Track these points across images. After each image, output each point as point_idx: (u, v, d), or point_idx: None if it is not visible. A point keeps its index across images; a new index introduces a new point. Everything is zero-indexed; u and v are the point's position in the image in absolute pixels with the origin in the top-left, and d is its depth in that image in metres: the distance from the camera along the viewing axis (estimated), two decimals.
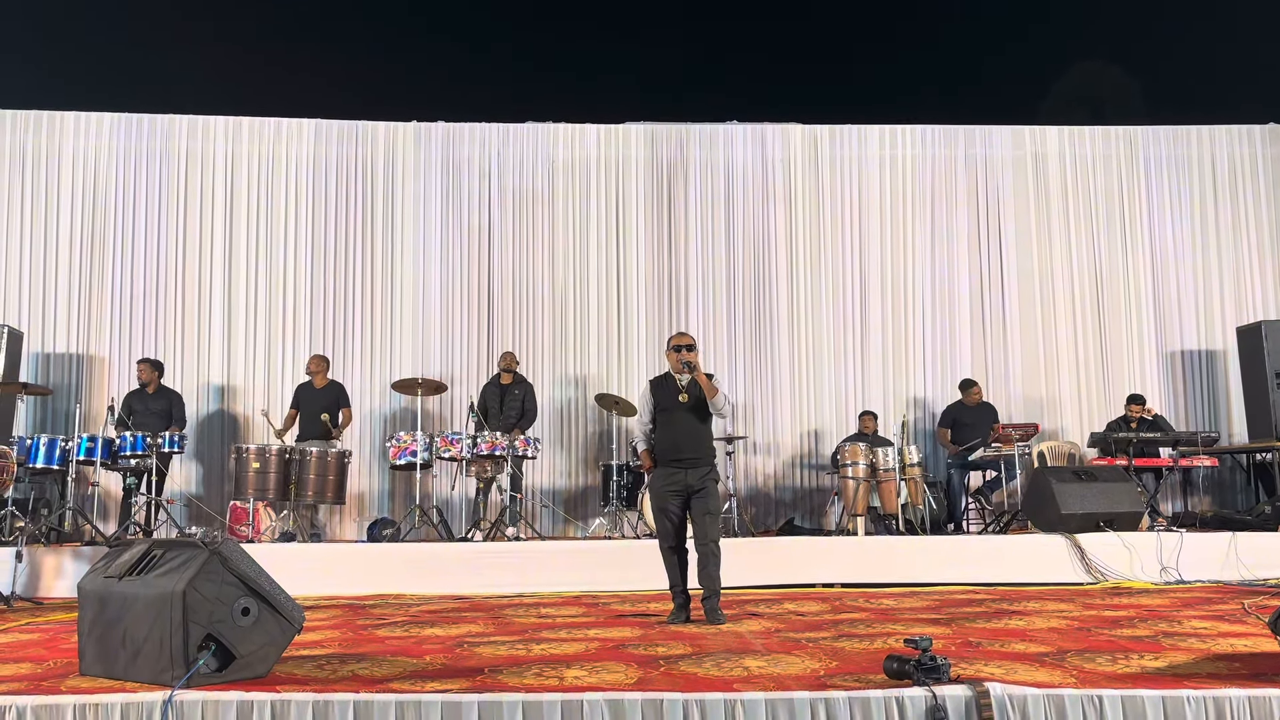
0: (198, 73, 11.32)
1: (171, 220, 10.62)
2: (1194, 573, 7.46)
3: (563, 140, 11.13)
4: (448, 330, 10.71)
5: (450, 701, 3.33)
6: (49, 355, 10.31)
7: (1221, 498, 10.72)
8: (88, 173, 10.65)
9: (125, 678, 3.71)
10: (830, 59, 12.24)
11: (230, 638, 3.69)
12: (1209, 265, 11.22)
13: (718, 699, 3.33)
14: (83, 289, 10.46)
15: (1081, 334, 11.06)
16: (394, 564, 7.50)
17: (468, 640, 4.79)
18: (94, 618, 3.91)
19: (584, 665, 3.99)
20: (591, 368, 10.75)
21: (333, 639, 4.88)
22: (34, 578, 7.14)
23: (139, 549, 4.05)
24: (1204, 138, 11.47)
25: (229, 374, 10.45)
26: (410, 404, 9.93)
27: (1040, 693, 3.33)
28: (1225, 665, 3.87)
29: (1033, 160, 11.35)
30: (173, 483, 9.47)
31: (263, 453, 8.34)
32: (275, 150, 10.86)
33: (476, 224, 10.90)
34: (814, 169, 11.25)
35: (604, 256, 10.94)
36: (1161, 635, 4.69)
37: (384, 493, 10.39)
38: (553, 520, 10.33)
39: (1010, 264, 11.14)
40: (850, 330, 10.98)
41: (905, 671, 3.45)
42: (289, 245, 10.70)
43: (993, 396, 10.56)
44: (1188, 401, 11.01)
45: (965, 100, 11.54)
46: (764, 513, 10.59)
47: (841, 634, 4.86)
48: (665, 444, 5.58)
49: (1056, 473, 8.27)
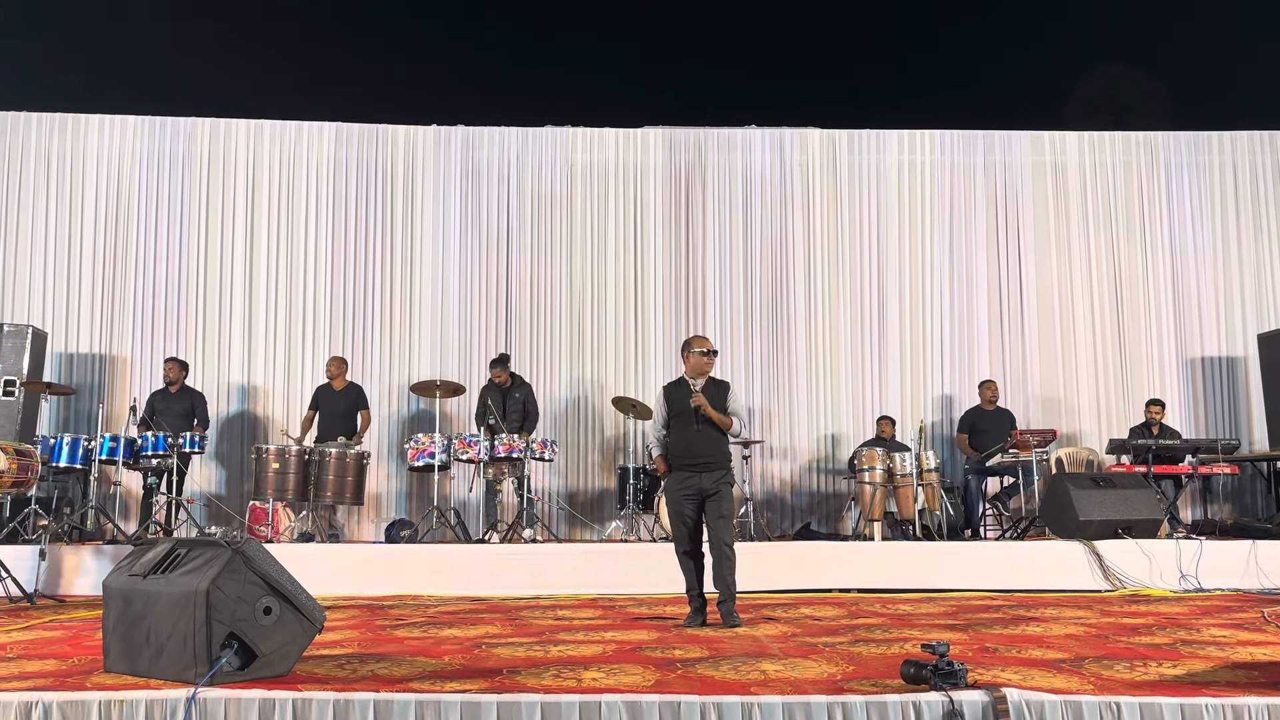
0: (220, 76, 11.41)
1: (193, 222, 10.72)
2: (1213, 581, 7.41)
3: (581, 144, 11.17)
4: (466, 333, 10.76)
5: (469, 701, 3.36)
6: (72, 355, 10.41)
7: (1242, 505, 10.65)
8: (111, 175, 10.75)
9: (149, 675, 3.75)
10: (848, 63, 12.22)
11: (252, 636, 3.73)
12: (1230, 271, 11.15)
13: (735, 702, 3.34)
14: (106, 290, 10.56)
15: (1101, 340, 11.01)
16: (412, 565, 7.53)
17: (486, 641, 4.82)
18: (119, 615, 3.96)
19: (601, 667, 4.01)
20: (609, 371, 10.78)
21: (352, 639, 4.92)
22: (56, 575, 7.21)
23: (163, 548, 4.09)
24: (1225, 144, 11.40)
25: (249, 375, 10.53)
26: (429, 406, 9.98)
27: (1058, 699, 3.33)
28: (1244, 674, 3.86)
29: (1052, 166, 11.31)
30: (193, 482, 9.56)
31: (282, 453, 8.40)
32: (296, 153, 10.94)
33: (495, 227, 10.95)
34: (832, 174, 11.25)
35: (622, 260, 10.96)
36: (1180, 643, 4.67)
37: (402, 494, 10.45)
38: (569, 523, 10.36)
39: (1029, 270, 11.10)
40: (868, 335, 10.97)
41: (922, 677, 3.46)
42: (309, 247, 10.78)
43: (1011, 402, 10.53)
44: (1208, 408, 10.94)
45: (985, 105, 11.50)
46: (780, 517, 10.58)
47: (858, 639, 4.87)
48: (680, 449, 5.60)
49: (1075, 479, 8.23)
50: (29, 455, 7.04)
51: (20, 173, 10.66)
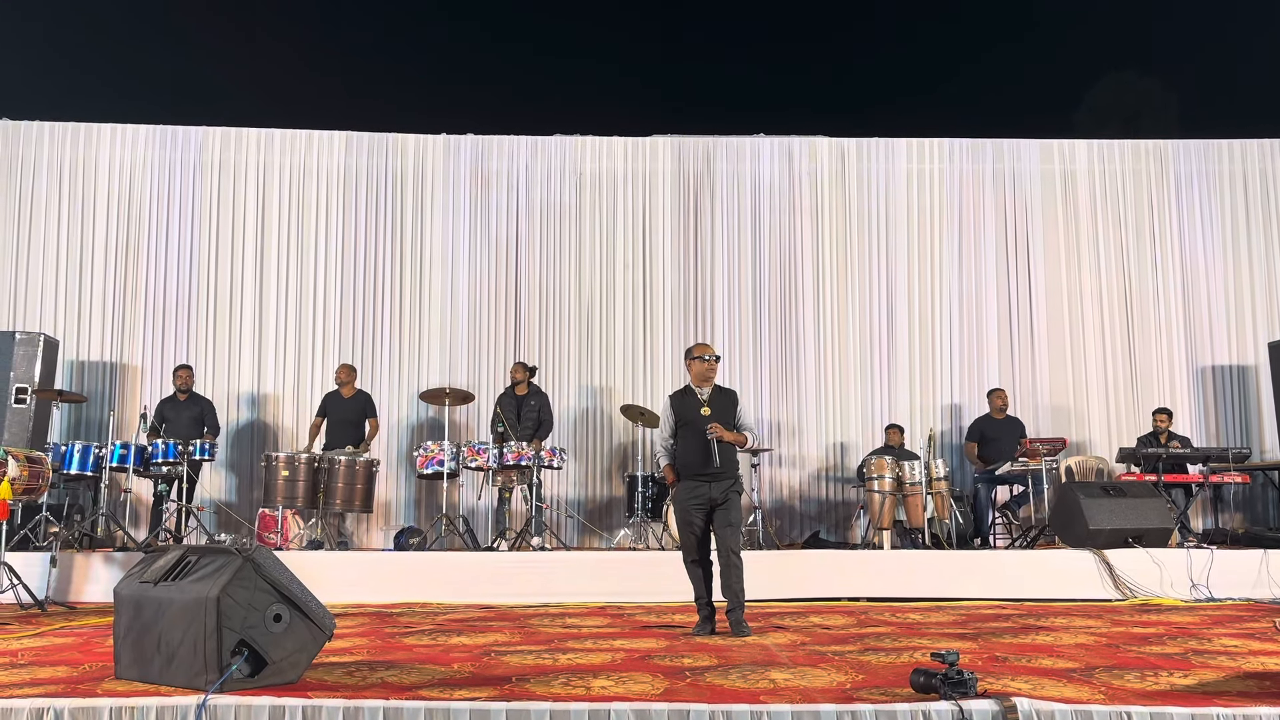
0: (231, 85, 11.50)
1: (204, 231, 10.77)
2: (1225, 590, 7.37)
3: (590, 153, 11.20)
4: (475, 341, 10.78)
5: (478, 709, 3.36)
6: (84, 363, 10.46)
7: (1253, 514, 10.59)
8: (123, 184, 10.81)
9: (160, 682, 3.76)
10: (856, 71, 12.25)
11: (263, 643, 3.75)
12: (1240, 279, 11.11)
13: (744, 710, 3.34)
14: (117, 298, 10.61)
15: (1110, 349, 10.98)
16: (420, 572, 7.55)
17: (495, 649, 4.82)
18: (129, 622, 3.98)
19: (610, 675, 4.01)
20: (617, 379, 10.79)
21: (361, 646, 4.93)
22: (66, 582, 7.24)
23: (173, 555, 4.11)
24: (1235, 152, 11.37)
25: (259, 382, 10.56)
26: (437, 414, 10.01)
27: (1068, 708, 3.32)
28: (1255, 683, 3.84)
29: (1061, 174, 11.30)
30: (203, 490, 9.59)
31: (291, 461, 8.42)
32: (306, 161, 10.99)
33: (504, 235, 10.98)
34: (840, 182, 11.25)
35: (630, 269, 10.98)
36: (1191, 653, 4.65)
37: (410, 501, 10.46)
38: (578, 531, 10.36)
39: (1038, 278, 11.08)
40: (877, 344, 10.96)
41: (932, 685, 3.45)
42: (319, 256, 10.82)
43: (1020, 411, 10.51)
44: (1218, 417, 10.90)
45: (994, 113, 11.51)
46: (789, 526, 10.57)
47: (867, 647, 4.86)
48: (688, 458, 5.59)
49: (1085, 488, 8.20)
50: (40, 462, 7.07)
51: (33, 182, 10.73)
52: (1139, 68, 11.48)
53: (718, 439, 5.48)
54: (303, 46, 11.80)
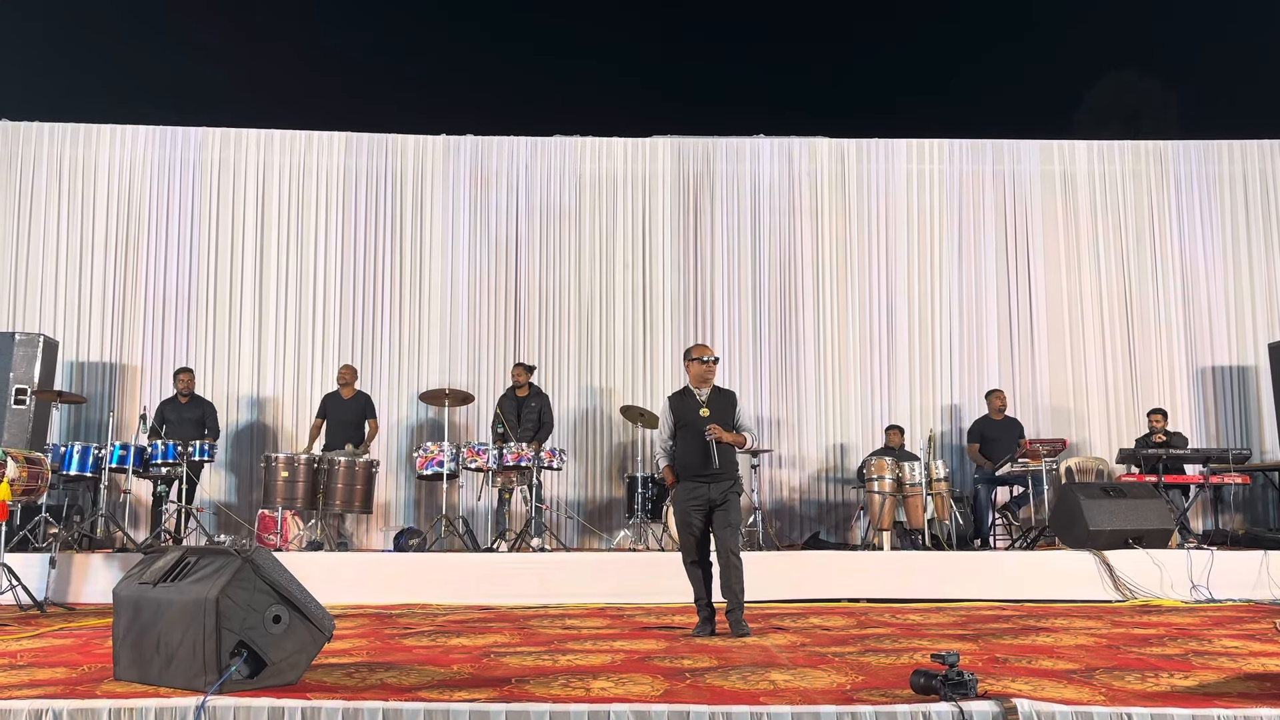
0: (231, 85, 11.50)
1: (204, 231, 10.76)
2: (1225, 591, 7.37)
3: (590, 154, 11.20)
4: (475, 342, 10.78)
5: (478, 710, 3.35)
6: (83, 364, 10.46)
7: (1253, 515, 10.59)
8: (122, 184, 10.81)
9: (159, 683, 3.76)
10: (856, 71, 12.25)
11: (262, 645, 3.74)
12: (1240, 280, 11.10)
13: (744, 712, 3.33)
14: (116, 299, 10.61)
15: (1110, 349, 10.97)
16: (420, 574, 7.54)
17: (494, 650, 4.82)
18: (129, 623, 3.97)
19: (610, 676, 4.01)
20: (617, 380, 10.78)
21: (360, 647, 4.92)
22: (66, 583, 7.24)
23: (173, 556, 4.11)
24: (1235, 152, 11.37)
25: (259, 383, 10.56)
26: (437, 415, 10.01)
27: (1069, 709, 3.32)
28: (1256, 685, 3.84)
29: (1061, 175, 11.30)
30: (203, 491, 9.58)
31: (291, 462, 8.42)
32: (306, 162, 10.98)
33: (504, 236, 10.98)
34: (840, 183, 11.25)
35: (630, 269, 10.97)
36: (1191, 654, 4.65)
37: (410, 502, 10.46)
38: (577, 532, 10.36)
39: (1038, 279, 11.08)
40: (877, 345, 10.95)
41: (932, 687, 3.45)
42: (319, 256, 10.81)
43: (1020, 412, 10.50)
44: (1219, 418, 10.90)
45: (994, 113, 11.51)
46: (789, 527, 10.56)
47: (867, 649, 4.85)
48: (687, 460, 5.59)
49: (1085, 489, 8.19)
50: (39, 463, 7.07)
51: (32, 182, 10.72)
52: (1139, 68, 11.46)
53: (716, 440, 5.48)
54: (303, 46, 11.78)
